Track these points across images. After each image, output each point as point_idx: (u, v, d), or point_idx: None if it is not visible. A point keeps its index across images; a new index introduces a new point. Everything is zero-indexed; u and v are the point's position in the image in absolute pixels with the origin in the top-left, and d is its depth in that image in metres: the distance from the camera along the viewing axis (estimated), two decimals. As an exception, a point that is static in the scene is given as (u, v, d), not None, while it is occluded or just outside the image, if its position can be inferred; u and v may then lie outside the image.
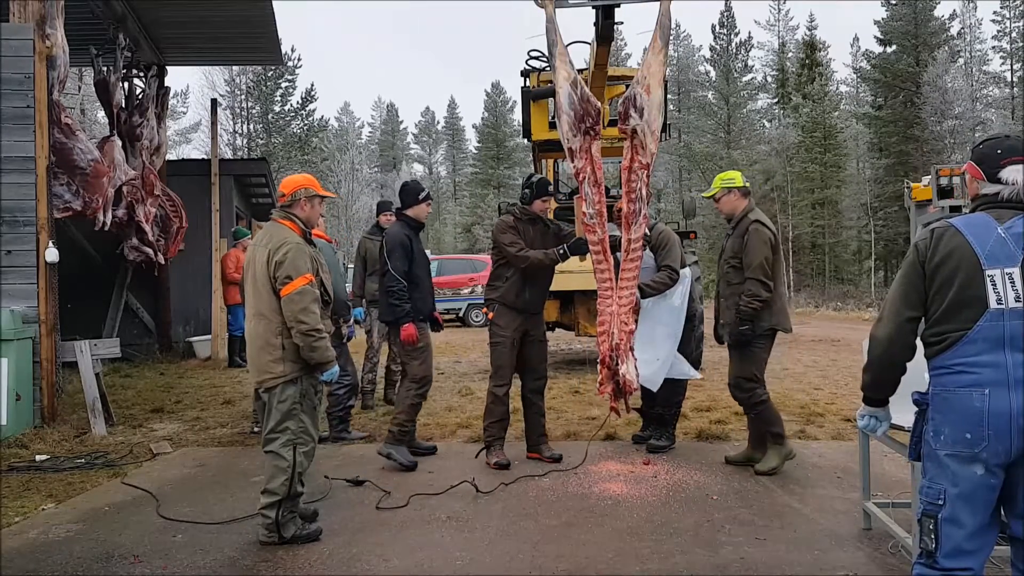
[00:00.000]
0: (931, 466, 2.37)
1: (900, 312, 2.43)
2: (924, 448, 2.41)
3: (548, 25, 4.65)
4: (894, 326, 2.44)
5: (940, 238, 2.38)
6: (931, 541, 2.32)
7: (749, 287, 4.86)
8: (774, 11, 51.50)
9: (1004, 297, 2.28)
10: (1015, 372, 2.24)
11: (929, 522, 2.33)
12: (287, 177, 4.24)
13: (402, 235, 5.42)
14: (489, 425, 5.30)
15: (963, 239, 2.34)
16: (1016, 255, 2.29)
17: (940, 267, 2.36)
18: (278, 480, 3.79)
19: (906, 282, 2.44)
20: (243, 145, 43.88)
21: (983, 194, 2.46)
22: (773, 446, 5.00)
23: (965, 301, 2.32)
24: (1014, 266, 2.29)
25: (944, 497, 2.31)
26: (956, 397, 2.30)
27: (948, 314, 2.34)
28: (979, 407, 2.25)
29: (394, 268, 5.31)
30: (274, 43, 12.45)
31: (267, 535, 3.84)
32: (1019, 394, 2.23)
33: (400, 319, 5.29)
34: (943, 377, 2.35)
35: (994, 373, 2.26)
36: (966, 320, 2.31)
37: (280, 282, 3.78)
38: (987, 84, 45.43)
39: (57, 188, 7.86)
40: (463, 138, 74.67)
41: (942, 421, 2.34)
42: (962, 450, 2.28)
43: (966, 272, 2.32)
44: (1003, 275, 2.29)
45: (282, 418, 3.81)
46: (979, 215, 2.42)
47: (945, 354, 2.34)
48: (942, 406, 2.34)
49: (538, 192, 5.28)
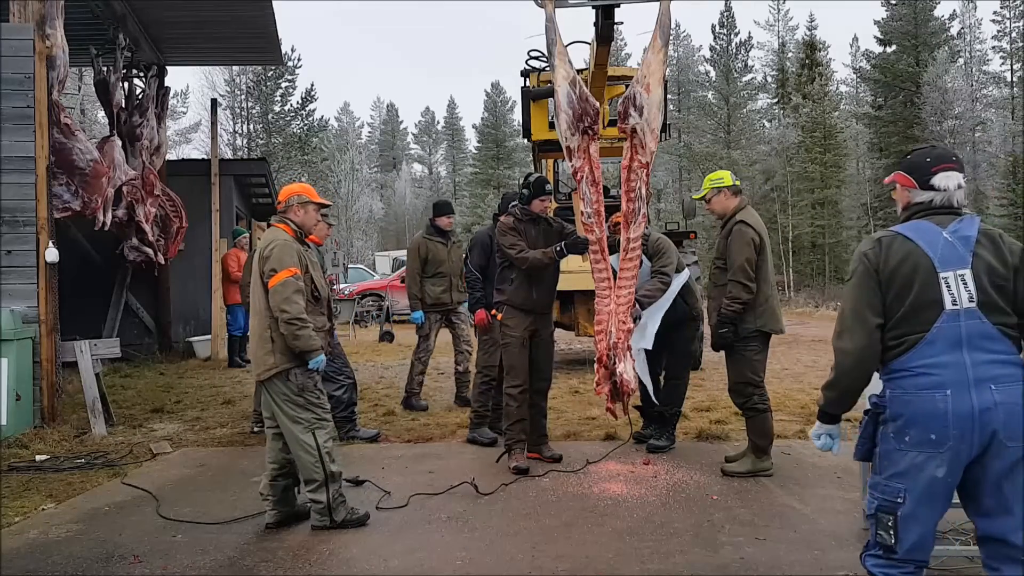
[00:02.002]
0: (890, 465, 2.41)
1: (868, 320, 2.43)
2: (882, 448, 2.45)
3: (548, 25, 4.66)
4: (865, 335, 2.43)
5: (890, 245, 2.44)
6: (890, 537, 2.37)
7: (730, 289, 4.83)
8: (774, 11, 51.50)
9: (959, 298, 2.35)
10: (973, 371, 2.31)
11: (888, 519, 2.38)
12: (286, 186, 4.45)
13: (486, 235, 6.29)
14: (509, 427, 5.27)
15: (914, 245, 2.42)
16: (966, 257, 2.38)
17: (896, 272, 2.41)
18: (310, 465, 3.99)
19: (866, 290, 2.45)
20: (243, 145, 43.86)
21: (916, 202, 2.53)
22: (753, 454, 4.98)
23: (923, 304, 2.37)
24: (965, 268, 2.37)
25: (904, 495, 2.36)
26: (919, 399, 2.34)
27: (907, 317, 2.39)
28: (943, 408, 2.30)
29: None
30: (274, 43, 12.44)
31: (319, 519, 4.02)
32: (978, 393, 2.29)
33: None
34: (904, 380, 2.39)
35: (954, 373, 2.31)
36: (924, 322, 2.37)
37: (266, 275, 4.00)
38: (987, 84, 45.43)
39: (57, 188, 7.86)
40: (463, 138, 74.69)
41: (905, 423, 2.36)
42: (927, 451, 2.33)
43: (922, 276, 2.38)
44: (956, 277, 2.36)
45: (294, 411, 4.01)
46: (921, 222, 2.48)
47: (904, 356, 2.39)
48: (904, 408, 2.37)
49: (536, 192, 5.27)
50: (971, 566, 3.40)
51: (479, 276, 6.15)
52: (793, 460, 5.34)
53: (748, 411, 4.97)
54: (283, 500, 4.15)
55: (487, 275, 6.12)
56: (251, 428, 6.53)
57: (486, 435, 5.99)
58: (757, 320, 4.88)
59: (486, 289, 6.11)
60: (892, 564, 2.40)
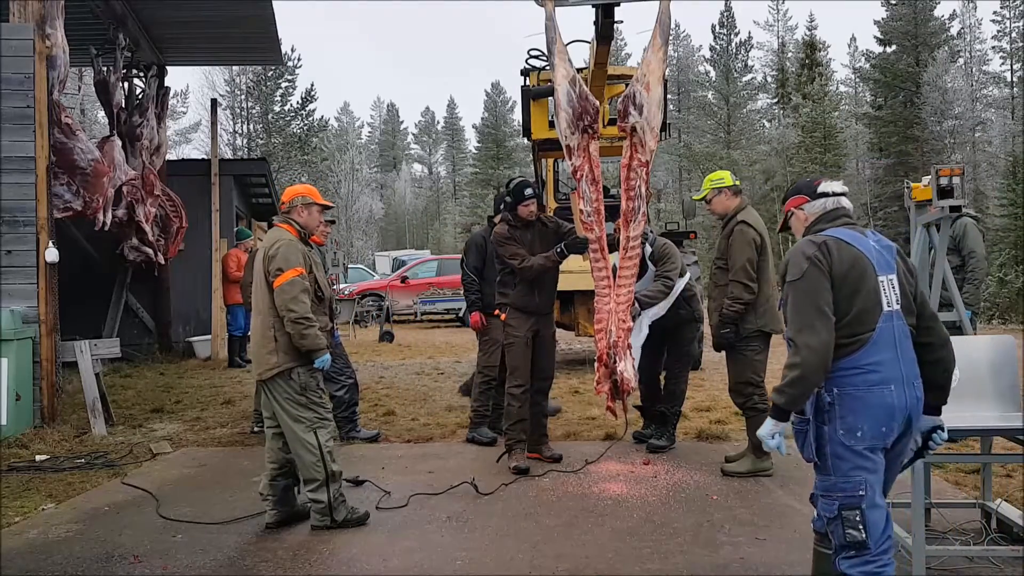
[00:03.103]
0: (844, 463, 2.50)
1: (828, 316, 2.52)
2: (832, 448, 2.52)
3: (547, 23, 4.65)
4: (827, 331, 2.50)
5: (836, 249, 2.58)
6: (860, 532, 2.45)
7: (731, 289, 4.84)
8: (773, 11, 51.49)
9: (891, 301, 2.56)
10: (905, 368, 2.54)
11: (854, 514, 2.46)
12: (290, 187, 4.46)
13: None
14: (510, 428, 5.28)
15: (858, 251, 2.59)
16: (892, 264, 2.62)
17: (848, 274, 2.55)
18: (311, 464, 3.99)
19: (819, 289, 2.54)
20: (243, 145, 43.85)
21: (816, 213, 2.76)
22: (753, 454, 4.98)
23: (870, 305, 2.54)
24: (892, 273, 2.60)
25: (865, 487, 2.48)
26: (871, 395, 2.49)
27: (859, 317, 2.53)
28: (891, 402, 2.49)
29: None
30: (274, 43, 12.43)
31: (320, 519, 4.02)
32: (908, 388, 2.52)
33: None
34: (854, 378, 2.51)
35: (895, 370, 2.52)
36: (871, 322, 2.52)
37: (272, 275, 4.00)
38: (987, 84, 45.43)
39: (57, 188, 7.85)
40: (463, 138, 74.69)
41: (857, 419, 2.49)
42: (878, 442, 2.50)
43: (869, 280, 2.55)
44: (887, 281, 2.58)
45: (296, 410, 4.01)
46: (846, 229, 2.66)
47: (856, 355, 2.51)
48: (856, 405, 2.49)
49: (517, 198, 5.23)
50: (971, 566, 3.40)
51: (475, 278, 6.18)
52: (793, 460, 5.30)
53: (748, 411, 4.97)
54: (283, 500, 4.15)
55: (483, 276, 6.14)
56: (251, 428, 6.53)
57: (486, 435, 5.99)
58: (758, 320, 4.89)
59: (483, 291, 6.12)
60: (867, 560, 2.47)
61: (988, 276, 15.94)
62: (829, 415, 2.53)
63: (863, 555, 2.47)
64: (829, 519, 2.54)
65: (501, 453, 5.40)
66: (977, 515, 3.86)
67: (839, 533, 2.50)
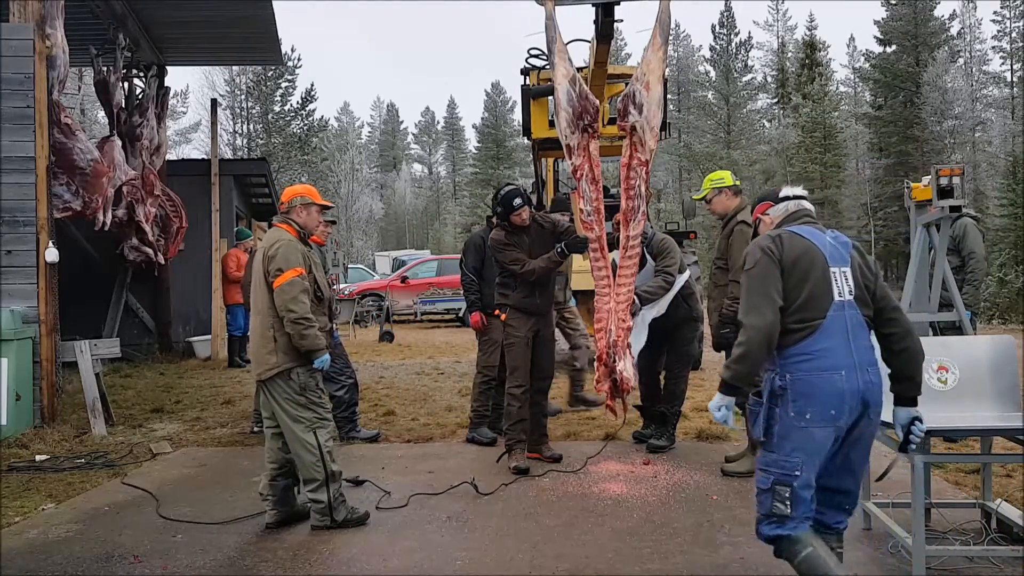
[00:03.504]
0: (788, 442, 2.68)
1: (774, 300, 2.70)
2: (780, 427, 2.70)
3: (547, 23, 4.66)
4: (772, 312, 2.69)
5: (788, 241, 2.79)
6: (786, 507, 2.67)
7: (731, 289, 4.82)
8: (772, 11, 51.49)
9: (843, 291, 2.73)
10: (857, 355, 2.67)
11: (785, 491, 2.66)
12: (289, 187, 4.45)
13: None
14: (510, 428, 5.27)
15: (809, 242, 2.78)
16: (846, 257, 2.78)
17: (797, 263, 2.74)
18: (311, 464, 3.98)
19: (770, 276, 2.73)
20: (243, 145, 43.85)
21: (782, 215, 2.96)
22: (752, 454, 4.97)
23: (819, 293, 2.71)
24: (846, 266, 2.77)
25: (801, 468, 2.66)
26: (821, 380, 2.65)
27: (808, 303, 2.70)
28: (840, 387, 2.63)
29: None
30: (274, 43, 12.43)
31: (319, 519, 4.02)
32: (861, 373, 2.66)
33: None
34: (805, 363, 2.67)
35: (845, 356, 2.66)
36: (822, 309, 2.69)
37: (272, 275, 4.00)
38: (987, 84, 45.42)
39: (57, 188, 7.85)
40: (463, 138, 74.70)
41: (808, 402, 2.65)
42: (825, 424, 2.65)
43: (819, 268, 2.73)
44: (840, 273, 2.75)
45: (295, 410, 4.01)
46: (805, 226, 2.86)
47: (807, 340, 2.68)
48: (807, 389, 2.66)
49: (508, 209, 5.17)
50: (971, 566, 3.40)
51: (474, 278, 6.19)
52: (793, 460, 5.33)
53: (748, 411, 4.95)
54: (283, 500, 4.15)
55: (482, 276, 6.15)
56: (251, 428, 6.53)
57: (486, 435, 5.99)
58: None
59: (482, 291, 6.13)
60: (784, 526, 2.70)
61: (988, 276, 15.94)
62: (782, 399, 2.69)
63: (782, 523, 2.70)
64: (761, 489, 2.74)
65: (501, 453, 5.40)
66: (977, 515, 3.86)
67: (767, 504, 2.71)
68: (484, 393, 6.10)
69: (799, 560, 2.67)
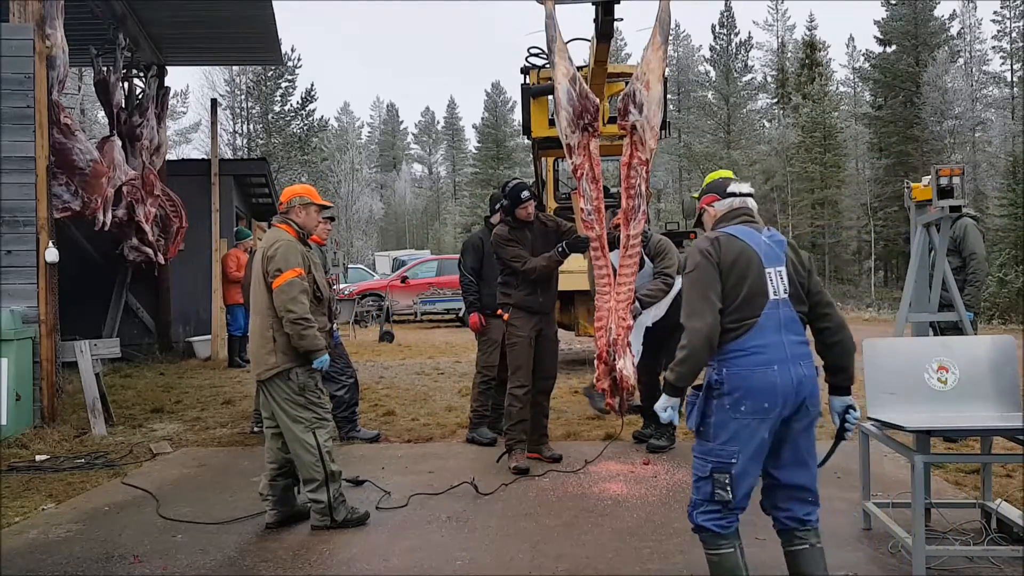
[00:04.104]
0: (724, 432, 2.79)
1: (714, 303, 2.80)
2: (716, 418, 2.81)
3: (548, 21, 4.65)
4: (712, 315, 2.79)
5: (726, 244, 2.88)
6: (727, 493, 2.78)
7: None
8: (772, 11, 51.48)
9: (777, 289, 2.84)
10: (790, 350, 2.79)
11: (724, 478, 2.78)
12: (288, 187, 4.45)
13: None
14: (510, 428, 5.27)
15: (745, 244, 2.87)
16: (781, 257, 2.89)
17: (734, 265, 2.83)
18: (310, 465, 3.98)
19: (708, 280, 2.83)
20: (243, 145, 43.84)
21: (724, 212, 3.05)
22: None
23: (755, 293, 2.81)
24: (781, 266, 2.87)
25: (738, 456, 2.77)
26: (755, 375, 2.76)
27: (745, 303, 2.81)
28: (773, 381, 2.75)
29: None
30: (274, 43, 12.43)
31: (319, 519, 4.02)
32: (794, 368, 2.78)
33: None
34: (740, 359, 2.78)
35: (778, 352, 2.78)
36: (756, 308, 2.80)
37: (271, 275, 4.00)
38: (987, 84, 45.37)
39: (57, 188, 7.84)
40: (463, 138, 74.68)
41: (743, 395, 2.77)
42: (759, 416, 2.76)
43: (754, 269, 2.83)
44: (775, 272, 2.85)
45: (295, 410, 4.01)
46: (742, 226, 2.96)
47: (743, 338, 2.79)
48: (742, 383, 2.77)
49: (514, 202, 5.23)
50: (971, 566, 3.40)
51: (472, 279, 6.17)
52: (793, 460, 5.33)
53: None
54: (283, 500, 4.15)
55: (481, 277, 6.14)
56: (251, 428, 6.53)
57: (485, 435, 5.99)
58: None
59: (481, 291, 6.13)
60: (724, 515, 2.82)
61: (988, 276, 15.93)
62: (718, 391, 2.81)
63: (722, 511, 2.81)
64: (700, 477, 2.85)
65: (501, 453, 5.40)
66: (977, 515, 3.86)
67: (707, 491, 2.82)
68: (484, 393, 6.09)
69: (718, 556, 2.83)
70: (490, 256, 5.82)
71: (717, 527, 2.82)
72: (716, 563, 2.84)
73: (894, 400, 3.66)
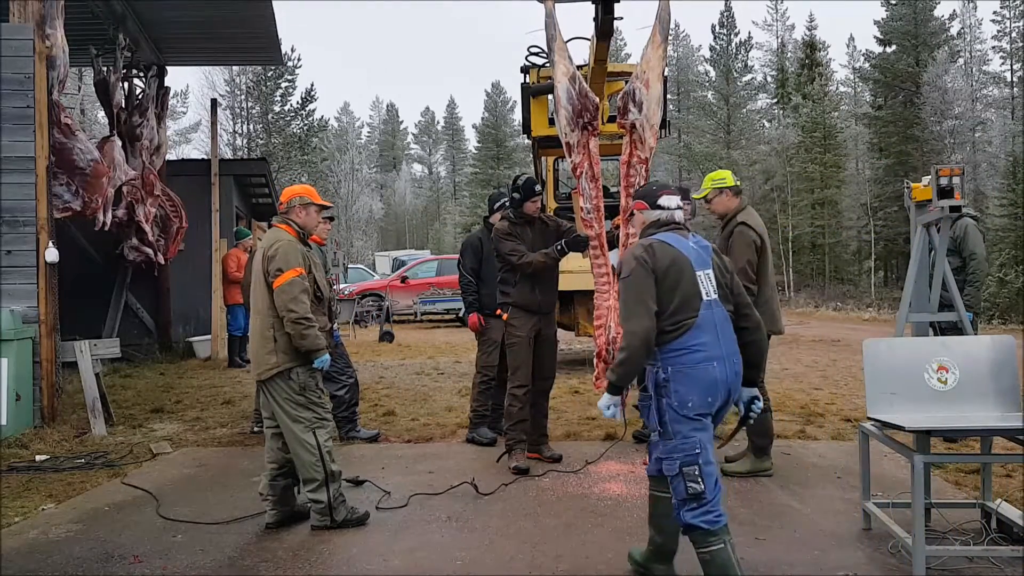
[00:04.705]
0: (682, 427, 2.94)
1: (650, 307, 2.97)
2: (669, 417, 2.96)
3: (547, 20, 4.66)
4: (649, 318, 2.95)
5: (660, 250, 3.05)
6: (700, 484, 2.89)
7: None
8: (772, 11, 51.47)
9: (708, 291, 3.03)
10: (725, 347, 3.00)
11: (693, 469, 2.90)
12: (288, 187, 4.46)
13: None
14: (511, 428, 5.27)
15: (677, 250, 3.06)
16: (708, 261, 3.11)
17: (669, 271, 3.00)
18: (310, 464, 3.99)
19: (644, 285, 2.99)
20: (243, 145, 43.83)
21: (652, 220, 3.22)
22: (753, 454, 4.97)
23: (690, 295, 3.00)
24: (709, 269, 3.09)
25: (701, 446, 2.92)
26: (697, 371, 2.94)
27: (681, 306, 2.99)
28: (714, 376, 2.95)
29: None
30: (274, 43, 12.44)
31: (319, 519, 4.02)
32: (729, 363, 2.99)
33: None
34: (682, 357, 2.96)
35: (716, 349, 2.97)
36: (693, 309, 2.99)
37: (272, 275, 4.00)
38: (987, 84, 45.34)
39: (57, 188, 7.85)
40: (463, 138, 74.70)
41: (687, 392, 2.94)
42: (705, 410, 2.96)
43: (688, 274, 3.02)
44: (705, 275, 3.05)
45: (295, 410, 4.01)
46: (671, 233, 3.14)
47: (683, 337, 2.97)
48: (686, 380, 2.95)
49: (526, 194, 5.24)
50: (971, 566, 3.39)
51: (472, 280, 6.19)
52: (793, 460, 5.33)
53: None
54: (283, 500, 4.14)
55: (480, 277, 6.14)
56: (251, 428, 6.52)
57: (485, 435, 5.98)
58: None
59: (480, 292, 6.13)
60: (707, 510, 2.90)
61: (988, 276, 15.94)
62: (665, 390, 2.97)
63: (703, 505, 2.89)
64: (672, 476, 2.96)
65: (501, 453, 5.40)
66: (977, 515, 3.85)
67: (681, 488, 2.92)
68: (484, 393, 6.09)
69: (710, 553, 2.90)
70: (489, 256, 5.81)
71: (706, 524, 2.89)
72: (708, 561, 2.91)
73: (894, 400, 3.66)
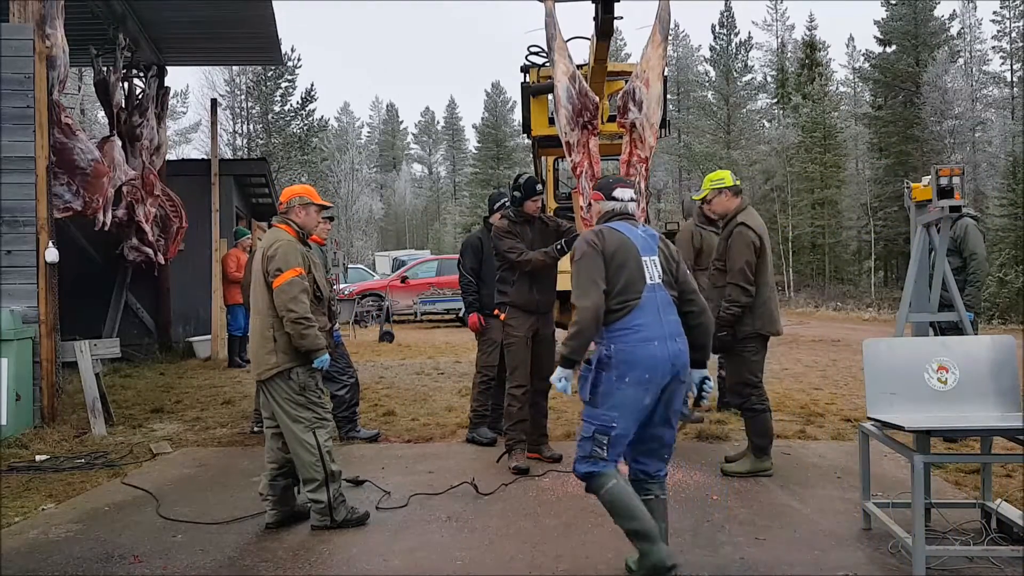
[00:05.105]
0: (609, 400, 3.18)
1: (599, 284, 3.21)
2: (603, 388, 3.19)
3: (547, 20, 4.67)
4: (598, 295, 3.20)
5: (609, 235, 3.32)
6: (603, 450, 3.19)
7: (729, 292, 4.83)
8: (772, 11, 51.46)
9: (653, 276, 3.29)
10: (667, 328, 3.24)
11: (603, 439, 3.18)
12: (288, 187, 4.46)
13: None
14: (510, 428, 5.27)
15: (625, 236, 3.33)
16: (654, 248, 3.38)
17: (616, 254, 3.27)
18: (310, 464, 3.99)
19: (595, 266, 3.25)
20: (243, 145, 43.83)
21: (606, 210, 3.49)
22: (752, 454, 4.97)
23: (635, 278, 3.25)
24: (654, 255, 3.36)
25: (616, 422, 3.17)
26: (638, 349, 3.17)
27: (627, 287, 3.23)
28: (654, 354, 3.17)
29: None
30: (274, 43, 12.43)
31: (319, 519, 4.02)
32: (671, 343, 3.21)
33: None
34: (625, 336, 3.19)
35: (658, 329, 3.21)
36: (636, 291, 3.23)
37: (271, 275, 4.00)
38: (987, 84, 45.34)
39: (57, 188, 7.85)
40: (463, 138, 74.69)
41: (627, 368, 3.17)
42: (642, 386, 3.17)
43: (633, 258, 3.28)
44: (650, 261, 3.32)
45: (295, 410, 4.01)
46: (621, 223, 3.41)
47: (626, 318, 3.21)
48: (627, 358, 3.17)
49: (527, 193, 5.24)
50: (971, 566, 3.39)
51: (472, 280, 6.18)
52: (793, 460, 5.33)
53: (747, 411, 4.96)
54: (283, 500, 4.14)
55: (480, 277, 6.14)
56: (251, 428, 6.52)
57: (485, 435, 5.98)
58: (755, 322, 4.88)
59: (480, 292, 6.13)
60: (596, 463, 3.20)
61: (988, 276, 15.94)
62: (607, 365, 3.20)
63: (596, 462, 3.20)
64: (584, 437, 3.23)
65: (501, 453, 5.40)
66: (977, 515, 3.85)
67: (587, 448, 3.22)
68: (484, 393, 6.09)
69: (606, 490, 3.19)
70: (490, 256, 5.81)
71: (597, 469, 3.20)
72: (610, 500, 3.19)
73: (894, 400, 3.66)
